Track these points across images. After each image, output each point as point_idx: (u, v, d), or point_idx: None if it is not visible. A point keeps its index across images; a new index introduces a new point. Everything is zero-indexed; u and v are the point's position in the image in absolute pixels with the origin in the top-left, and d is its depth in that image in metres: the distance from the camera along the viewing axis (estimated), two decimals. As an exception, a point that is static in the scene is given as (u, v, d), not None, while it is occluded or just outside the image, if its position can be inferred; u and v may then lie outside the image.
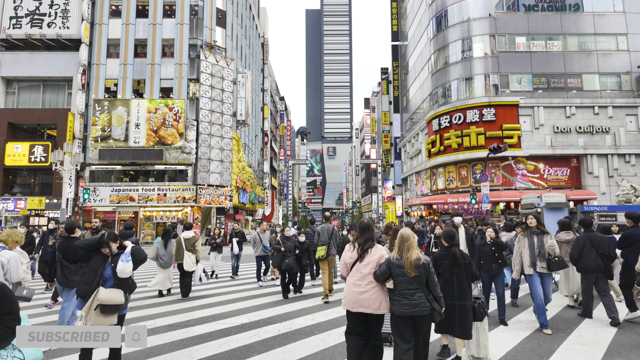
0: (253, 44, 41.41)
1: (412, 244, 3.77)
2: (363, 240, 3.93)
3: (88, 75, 26.81)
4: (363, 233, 3.98)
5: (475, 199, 20.86)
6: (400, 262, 3.69)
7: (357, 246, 3.95)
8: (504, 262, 6.11)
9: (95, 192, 25.67)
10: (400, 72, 42.06)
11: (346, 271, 4.01)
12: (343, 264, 4.07)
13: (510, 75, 27.47)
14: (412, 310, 3.61)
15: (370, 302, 3.70)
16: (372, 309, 3.70)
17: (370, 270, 3.78)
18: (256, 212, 40.03)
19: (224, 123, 27.77)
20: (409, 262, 3.65)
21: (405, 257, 3.69)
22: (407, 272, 3.65)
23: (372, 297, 3.70)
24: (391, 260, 3.74)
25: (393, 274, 3.70)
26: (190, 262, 8.29)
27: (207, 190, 26.12)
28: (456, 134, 27.30)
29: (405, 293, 3.64)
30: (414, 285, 3.64)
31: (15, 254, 4.36)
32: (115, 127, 25.78)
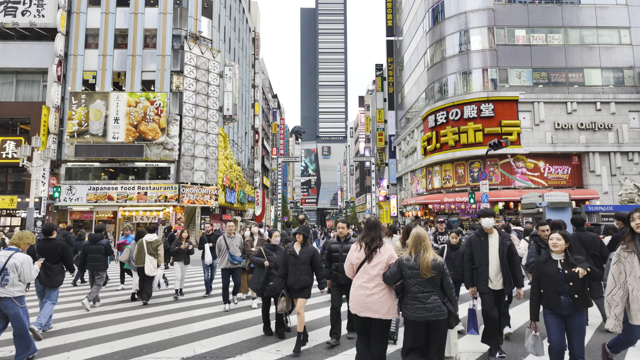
0: (243, 37, 40.00)
1: (428, 245, 3.58)
2: (370, 239, 3.74)
3: (64, 66, 25.27)
4: (370, 231, 3.77)
5: (473, 199, 19.66)
6: (412, 263, 3.50)
7: (364, 245, 3.74)
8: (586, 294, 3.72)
9: (71, 190, 24.15)
10: (395, 68, 40.86)
11: (352, 272, 3.81)
12: (349, 264, 3.85)
13: (509, 69, 26.34)
14: (427, 315, 3.40)
15: (379, 306, 3.52)
16: (381, 313, 3.52)
17: (379, 272, 3.61)
18: (246, 212, 38.62)
19: (210, 118, 26.35)
20: (425, 263, 3.46)
21: (421, 257, 3.50)
22: (422, 273, 3.46)
23: (380, 301, 3.53)
24: (402, 261, 3.54)
25: (405, 276, 3.51)
26: (151, 267, 7.88)
27: (190, 188, 24.70)
28: (453, 131, 26.11)
29: (419, 296, 3.45)
30: (428, 288, 3.46)
31: (28, 256, 4.66)
32: (93, 122, 24.27)
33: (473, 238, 4.74)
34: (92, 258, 7.69)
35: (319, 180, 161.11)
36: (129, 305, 7.97)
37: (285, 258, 5.24)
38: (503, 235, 4.66)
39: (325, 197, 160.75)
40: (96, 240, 7.78)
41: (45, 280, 5.81)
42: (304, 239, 5.29)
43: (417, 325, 3.45)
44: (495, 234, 4.67)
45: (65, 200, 24.08)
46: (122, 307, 7.80)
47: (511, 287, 4.60)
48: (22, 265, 4.50)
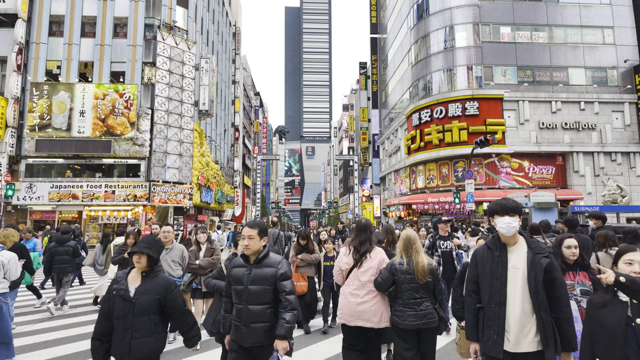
0: (223, 31, 38.59)
1: (419, 247, 3.44)
2: (359, 243, 3.51)
3: (26, 55, 23.48)
4: (359, 234, 3.55)
5: (458, 199, 18.92)
6: (406, 267, 3.33)
7: (352, 250, 3.52)
8: None
9: (31, 188, 22.40)
10: (379, 66, 40.14)
11: (342, 279, 3.58)
12: (338, 270, 3.61)
13: (494, 66, 25.83)
14: (418, 323, 3.22)
15: (371, 315, 3.31)
16: (373, 322, 3.31)
17: (370, 278, 3.41)
18: (224, 212, 37.20)
19: (184, 113, 24.95)
20: (420, 267, 3.31)
21: (415, 261, 3.35)
22: (417, 278, 3.30)
23: (372, 309, 3.31)
24: (395, 265, 3.36)
25: (397, 281, 3.32)
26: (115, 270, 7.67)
27: (162, 187, 23.26)
28: (437, 129, 25.44)
29: (410, 303, 3.27)
30: (420, 294, 3.30)
31: (14, 254, 4.78)
32: (57, 115, 22.58)
33: (480, 252, 2.77)
34: (59, 260, 7.55)
35: (303, 180, 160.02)
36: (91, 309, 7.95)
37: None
38: (535, 248, 2.60)
39: (309, 197, 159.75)
40: (63, 242, 7.75)
41: None
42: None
43: (407, 334, 3.24)
44: (520, 244, 2.63)
45: (24, 199, 22.32)
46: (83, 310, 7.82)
47: (554, 352, 2.44)
48: (9, 262, 4.59)
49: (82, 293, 10.20)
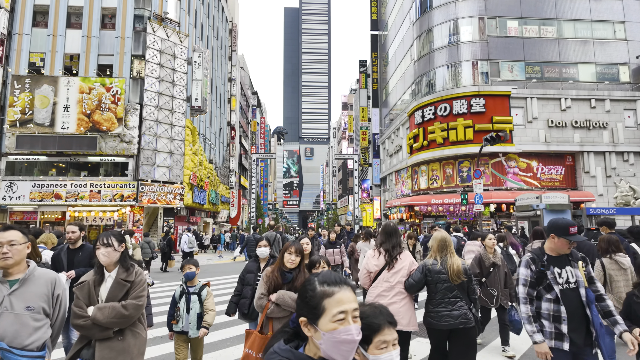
0: (219, 27, 37.39)
1: (453, 249, 3.43)
2: (390, 246, 3.54)
3: (7, 46, 22.23)
4: (390, 238, 3.58)
5: (466, 200, 17.71)
6: (439, 267, 3.32)
7: (383, 252, 3.54)
8: None
9: (12, 187, 21.13)
10: (380, 64, 38.99)
11: (369, 281, 3.58)
12: (366, 272, 3.62)
13: (501, 62, 24.68)
14: (453, 323, 3.19)
15: (400, 317, 3.28)
16: (402, 324, 3.31)
17: (401, 279, 3.43)
18: (219, 213, 35.93)
19: (175, 108, 23.72)
20: (455, 268, 3.30)
21: (449, 262, 3.35)
22: (452, 279, 3.29)
23: (401, 310, 3.33)
24: (428, 266, 3.35)
25: (430, 282, 3.32)
26: None
27: (151, 187, 22.00)
28: (441, 127, 24.25)
29: (444, 303, 3.26)
30: (454, 294, 3.28)
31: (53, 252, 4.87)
32: (39, 110, 21.32)
33: None
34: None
35: (301, 181, 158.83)
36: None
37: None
38: None
39: (308, 199, 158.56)
40: None
41: None
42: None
43: (441, 334, 3.26)
44: None
45: (4, 199, 21.03)
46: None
47: None
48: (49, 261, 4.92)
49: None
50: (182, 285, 3.94)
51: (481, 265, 4.99)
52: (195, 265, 3.96)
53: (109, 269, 2.67)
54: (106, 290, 2.61)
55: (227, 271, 14.90)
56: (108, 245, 2.62)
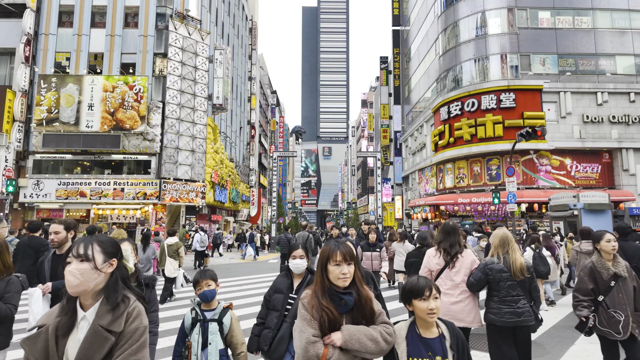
0: (239, 25, 37.30)
1: (515, 246, 3.42)
2: (449, 245, 3.55)
3: (34, 46, 22.55)
4: (448, 236, 3.59)
5: (498, 199, 16.86)
6: (501, 265, 3.33)
7: (443, 251, 3.56)
8: None
9: (38, 185, 21.41)
10: (402, 60, 38.13)
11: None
12: (427, 271, 3.64)
13: (532, 55, 23.60)
14: (517, 320, 3.20)
15: (465, 314, 3.36)
16: (467, 322, 3.35)
17: (464, 278, 3.44)
18: (239, 212, 35.85)
19: (197, 107, 23.61)
20: (518, 265, 3.31)
21: (511, 259, 3.34)
22: (514, 276, 3.28)
23: (466, 309, 3.38)
24: (488, 264, 3.35)
25: (492, 280, 3.31)
26: (171, 268, 8.25)
27: (173, 185, 21.93)
28: (469, 123, 23.36)
29: (508, 300, 3.26)
30: (517, 292, 3.29)
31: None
32: (64, 108, 21.53)
33: None
34: None
35: (320, 181, 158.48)
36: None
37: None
38: None
39: (326, 198, 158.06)
40: None
41: None
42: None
43: (504, 331, 3.26)
44: None
45: (31, 197, 21.34)
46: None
47: None
48: None
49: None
50: (195, 309, 2.78)
51: (595, 278, 3.51)
52: (214, 280, 2.81)
53: (85, 303, 1.56)
54: (76, 346, 1.50)
55: (250, 270, 14.60)
56: (84, 258, 1.54)
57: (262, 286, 10.40)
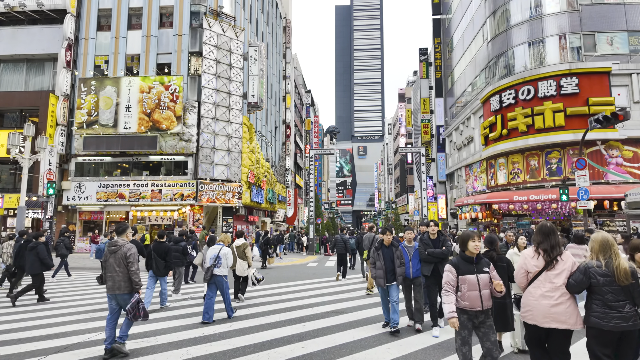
0: (273, 23, 36.71)
1: (618, 251, 3.35)
2: (549, 246, 3.47)
3: (75, 51, 22.88)
4: (548, 238, 3.50)
5: (567, 195, 14.84)
6: (604, 270, 3.24)
7: (542, 253, 3.49)
8: None
9: (80, 188, 21.63)
10: (444, 50, 35.99)
11: (526, 281, 3.56)
12: (524, 272, 3.57)
13: (597, 34, 21.07)
14: (625, 325, 3.14)
15: (567, 317, 3.31)
16: (569, 324, 3.30)
17: (564, 280, 3.38)
18: (276, 213, 35.20)
19: (232, 105, 23.04)
20: (622, 270, 3.18)
21: (614, 264, 3.23)
22: (619, 281, 3.19)
23: (568, 311, 3.33)
24: (591, 267, 3.29)
25: (595, 284, 3.24)
26: (241, 268, 8.52)
27: (210, 185, 21.44)
28: (524, 113, 21.20)
29: (615, 305, 3.16)
30: (622, 297, 3.17)
31: (229, 249, 7.18)
32: (103, 111, 21.63)
33: None
34: (174, 256, 9.02)
35: (355, 181, 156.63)
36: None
37: None
38: None
39: (361, 198, 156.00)
40: (177, 242, 9.76)
41: (156, 271, 7.90)
42: None
43: (610, 336, 3.21)
44: None
45: (73, 199, 21.58)
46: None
47: None
48: (227, 255, 6.95)
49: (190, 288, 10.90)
50: None
51: None
52: None
53: None
54: None
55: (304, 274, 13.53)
56: None
57: (309, 302, 8.34)
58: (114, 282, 4.90)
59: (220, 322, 6.58)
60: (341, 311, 7.32)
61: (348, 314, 7.11)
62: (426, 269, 6.01)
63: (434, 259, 6.00)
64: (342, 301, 8.38)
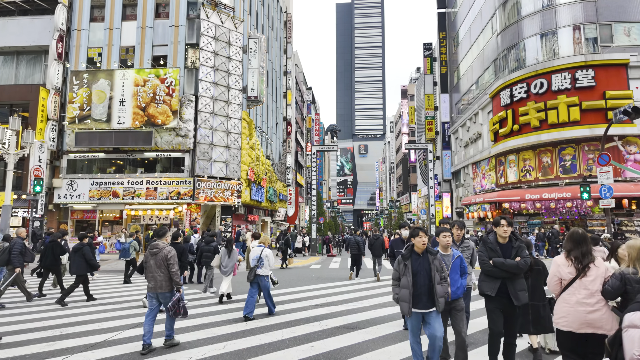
0: (273, 17, 35.72)
1: None
2: (580, 254, 3.43)
3: (67, 43, 21.91)
4: (579, 245, 3.46)
5: (588, 193, 13.89)
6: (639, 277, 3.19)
7: (574, 259, 3.46)
8: None
9: (72, 186, 20.68)
10: (449, 44, 35.00)
11: (559, 288, 3.53)
12: (557, 279, 3.54)
13: (614, 24, 20.11)
14: None
15: (603, 322, 3.28)
16: (606, 329, 3.26)
17: (599, 286, 3.33)
18: (277, 212, 34.24)
19: (231, 99, 22.07)
20: None
21: None
22: None
23: (604, 317, 3.29)
24: (627, 275, 3.24)
25: (631, 290, 3.19)
26: None
27: (207, 183, 20.49)
28: (537, 107, 20.25)
29: None
30: None
31: (270, 251, 7.40)
32: (96, 105, 20.66)
33: None
34: (206, 256, 9.91)
35: (356, 179, 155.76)
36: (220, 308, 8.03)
37: None
38: None
39: (362, 197, 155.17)
40: (209, 243, 10.20)
41: None
42: None
43: None
44: None
45: (65, 198, 20.64)
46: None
47: None
48: (269, 256, 7.23)
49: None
50: None
51: None
52: None
53: None
54: None
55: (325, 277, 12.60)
56: None
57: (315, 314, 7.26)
58: (156, 282, 5.24)
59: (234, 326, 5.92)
60: (354, 326, 6.33)
61: (362, 330, 6.11)
62: (489, 287, 4.22)
63: (503, 274, 4.16)
64: (353, 312, 7.41)
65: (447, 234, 4.58)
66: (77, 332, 6.10)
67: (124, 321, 6.83)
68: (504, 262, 4.15)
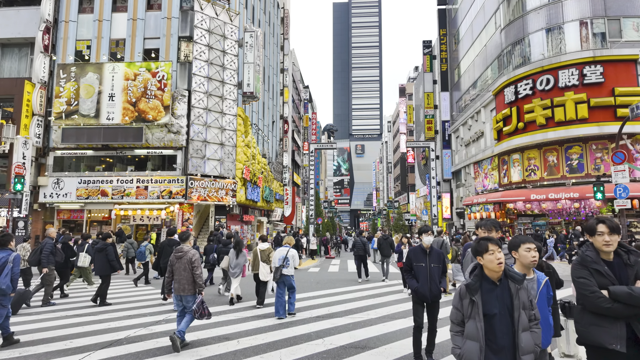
0: (270, 12, 34.87)
1: None
2: None
3: (54, 35, 20.97)
4: None
5: (602, 193, 13.19)
6: None
7: None
8: None
9: (58, 184, 19.74)
10: (450, 42, 34.32)
11: None
12: None
13: (622, 19, 19.47)
14: None
15: None
16: None
17: None
18: (273, 212, 33.40)
19: (226, 95, 21.22)
20: None
21: None
22: None
23: None
24: None
25: None
26: (265, 272, 8.29)
27: (201, 182, 19.62)
28: (543, 105, 19.56)
29: None
30: None
31: (295, 252, 7.64)
32: (84, 100, 19.74)
33: None
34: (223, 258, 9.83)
35: (352, 179, 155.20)
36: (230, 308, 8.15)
37: None
38: None
39: (359, 197, 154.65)
40: (226, 245, 10.39)
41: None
42: None
43: None
44: None
45: (51, 197, 19.70)
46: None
47: None
48: (294, 256, 7.42)
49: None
50: None
51: None
52: None
53: None
54: None
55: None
56: None
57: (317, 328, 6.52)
58: (180, 285, 5.42)
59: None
60: (363, 345, 5.50)
61: (373, 350, 5.24)
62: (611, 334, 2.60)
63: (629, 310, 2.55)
64: (360, 326, 6.57)
65: (531, 246, 2.96)
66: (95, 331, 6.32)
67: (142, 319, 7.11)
68: (632, 291, 2.54)
